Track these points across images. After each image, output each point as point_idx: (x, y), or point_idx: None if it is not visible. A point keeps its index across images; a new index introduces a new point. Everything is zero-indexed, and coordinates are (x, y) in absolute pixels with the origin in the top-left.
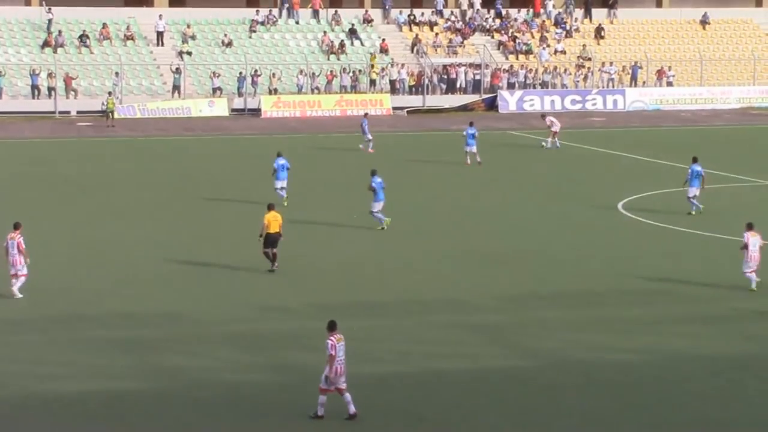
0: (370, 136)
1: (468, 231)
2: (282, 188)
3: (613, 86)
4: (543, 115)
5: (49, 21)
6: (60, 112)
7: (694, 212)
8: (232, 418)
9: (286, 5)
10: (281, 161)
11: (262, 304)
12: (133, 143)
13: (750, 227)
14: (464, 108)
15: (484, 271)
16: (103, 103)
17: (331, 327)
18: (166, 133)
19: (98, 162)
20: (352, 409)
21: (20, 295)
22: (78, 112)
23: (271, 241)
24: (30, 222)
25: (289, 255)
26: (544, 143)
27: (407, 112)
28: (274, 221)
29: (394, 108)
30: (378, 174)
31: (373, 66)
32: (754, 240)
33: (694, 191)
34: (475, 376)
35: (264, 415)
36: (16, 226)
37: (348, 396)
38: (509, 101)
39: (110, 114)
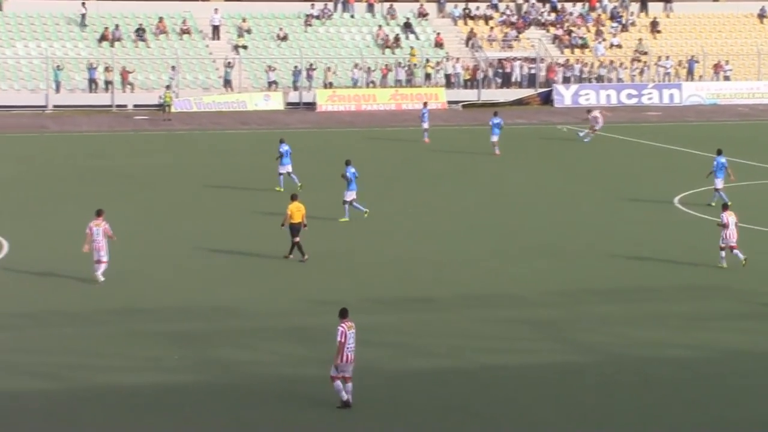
0: (426, 126)
1: (523, 226)
2: (289, 173)
3: (670, 80)
4: (589, 110)
5: (83, 15)
6: (117, 106)
7: (714, 204)
8: (286, 412)
9: None
10: (285, 147)
11: (318, 298)
12: (189, 137)
13: (726, 207)
14: (519, 102)
15: (539, 266)
16: (160, 97)
17: (343, 314)
18: (222, 126)
19: (154, 155)
20: (345, 396)
21: (102, 279)
22: (135, 106)
23: (294, 230)
24: (87, 215)
25: (345, 249)
26: (585, 138)
27: (462, 106)
28: (297, 211)
29: (449, 102)
30: (352, 164)
31: (427, 61)
32: (732, 219)
33: (719, 183)
34: (529, 372)
35: (317, 409)
36: (99, 213)
37: (350, 386)
38: (564, 95)
39: (167, 108)
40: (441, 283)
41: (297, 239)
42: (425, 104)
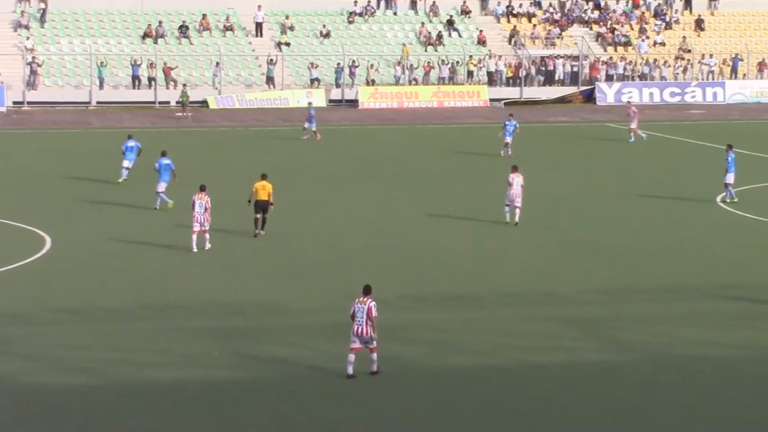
0: (307, 125)
1: (565, 224)
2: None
3: (713, 78)
4: (629, 102)
5: (43, 11)
6: (160, 103)
7: (729, 200)
8: (327, 409)
9: None
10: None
11: (358, 294)
12: (230, 133)
13: (515, 169)
14: (562, 100)
15: (580, 264)
16: (180, 97)
17: (363, 291)
18: (264, 123)
19: (196, 152)
20: (374, 367)
21: (209, 246)
22: (177, 103)
23: (259, 207)
24: (129, 211)
25: (383, 245)
26: (643, 135)
27: (504, 103)
28: (261, 190)
29: (492, 99)
30: (167, 155)
31: (470, 58)
32: (518, 180)
33: (731, 178)
34: (570, 370)
35: (358, 406)
36: (203, 188)
37: (374, 356)
38: (607, 93)
39: (184, 106)
40: (481, 280)
41: (258, 216)
42: (310, 104)
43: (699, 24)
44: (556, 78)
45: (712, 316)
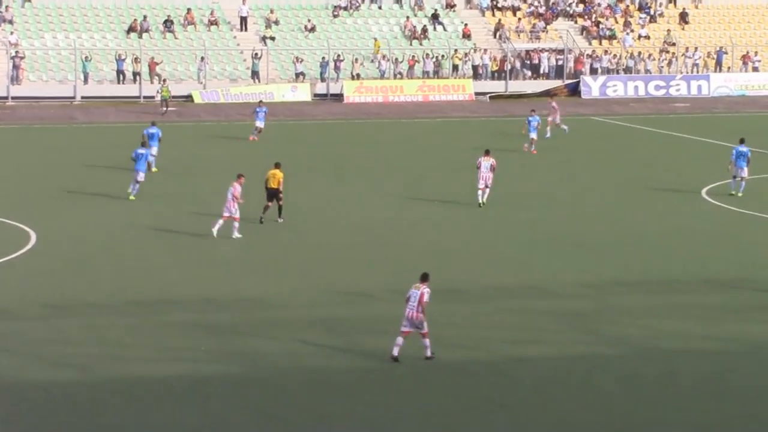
0: (258, 124)
1: (551, 217)
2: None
3: (698, 72)
4: (550, 98)
5: None
6: (145, 97)
7: (734, 192)
8: (314, 403)
9: None
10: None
11: (345, 289)
12: (216, 128)
13: (487, 153)
14: (547, 93)
15: (566, 257)
16: (158, 91)
17: (421, 278)
18: (248, 118)
19: (181, 147)
20: (428, 352)
21: (239, 235)
22: (161, 98)
23: (269, 195)
24: (114, 206)
25: (370, 240)
26: (564, 127)
27: (489, 97)
28: (271, 178)
29: (477, 93)
30: (145, 145)
31: (455, 52)
32: (486, 164)
33: (738, 172)
34: (556, 363)
35: (345, 400)
36: (239, 176)
37: (426, 341)
38: (592, 87)
39: (165, 101)
40: (467, 274)
41: (269, 204)
42: (260, 102)
43: (683, 17)
44: (541, 71)
45: (698, 308)
